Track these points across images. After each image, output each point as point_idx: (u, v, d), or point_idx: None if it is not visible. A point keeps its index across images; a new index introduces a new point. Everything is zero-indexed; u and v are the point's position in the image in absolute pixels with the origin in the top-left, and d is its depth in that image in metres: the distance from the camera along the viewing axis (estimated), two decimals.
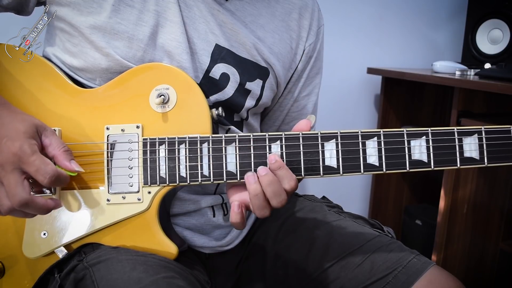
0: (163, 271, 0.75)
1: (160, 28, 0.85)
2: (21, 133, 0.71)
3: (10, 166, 0.70)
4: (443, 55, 2.17)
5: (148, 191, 0.80)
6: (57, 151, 0.75)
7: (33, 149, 0.71)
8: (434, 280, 0.85)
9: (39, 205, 0.72)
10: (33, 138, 0.73)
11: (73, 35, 0.84)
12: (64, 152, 0.75)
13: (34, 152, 0.71)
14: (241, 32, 0.89)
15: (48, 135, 0.75)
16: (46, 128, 0.76)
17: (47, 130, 0.76)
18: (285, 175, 0.75)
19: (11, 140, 0.71)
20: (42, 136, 0.75)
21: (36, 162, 0.70)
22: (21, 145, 0.70)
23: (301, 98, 1.05)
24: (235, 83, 0.90)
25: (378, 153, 0.77)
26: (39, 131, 0.74)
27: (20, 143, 0.70)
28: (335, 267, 0.91)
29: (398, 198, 2.12)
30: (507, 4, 1.80)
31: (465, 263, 1.75)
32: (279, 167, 0.75)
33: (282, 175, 0.75)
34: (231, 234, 0.97)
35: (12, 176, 0.70)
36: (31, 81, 0.84)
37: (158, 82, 0.81)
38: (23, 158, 0.70)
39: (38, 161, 0.70)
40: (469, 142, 0.77)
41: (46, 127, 0.76)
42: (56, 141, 0.76)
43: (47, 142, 0.75)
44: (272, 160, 0.75)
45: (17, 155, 0.70)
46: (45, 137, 0.75)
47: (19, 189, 0.70)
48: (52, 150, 0.75)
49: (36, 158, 0.70)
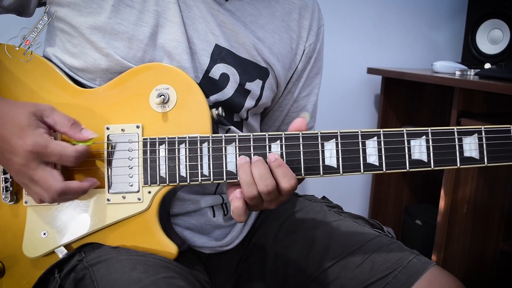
0: (163, 271, 0.75)
1: (160, 28, 0.85)
2: (26, 128, 0.72)
3: (33, 163, 0.72)
4: (443, 55, 2.17)
5: (148, 191, 0.80)
6: (65, 128, 0.76)
7: (45, 139, 0.72)
8: (434, 280, 0.85)
9: (75, 189, 0.75)
10: (38, 126, 0.73)
11: (73, 35, 0.84)
12: (71, 126, 0.76)
13: (48, 142, 0.72)
14: (241, 32, 0.89)
15: (48, 114, 0.75)
16: (44, 109, 0.75)
17: (45, 110, 0.75)
18: (285, 174, 0.75)
19: (21, 138, 0.71)
20: (44, 118, 0.75)
21: (56, 151, 0.72)
22: (33, 140, 0.71)
23: (301, 98, 1.05)
24: (234, 83, 0.90)
25: (378, 153, 0.77)
26: (38, 115, 0.74)
27: (31, 139, 0.71)
28: (335, 267, 0.91)
29: (398, 198, 2.12)
30: (507, 4, 1.80)
31: (465, 263, 1.75)
32: (278, 165, 0.75)
33: (281, 173, 0.75)
34: (231, 234, 0.97)
35: (40, 171, 0.72)
36: (31, 81, 0.84)
37: (158, 82, 0.81)
38: (41, 152, 0.71)
39: (57, 150, 0.72)
40: (469, 141, 0.77)
41: (43, 107, 0.76)
42: (60, 117, 0.76)
43: (51, 121, 0.76)
44: (272, 158, 0.75)
45: (34, 151, 0.71)
46: (47, 118, 0.75)
47: (52, 181, 0.72)
48: (60, 128, 0.76)
49: (53, 147, 0.72)
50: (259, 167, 0.75)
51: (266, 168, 0.75)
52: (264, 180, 0.74)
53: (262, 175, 0.74)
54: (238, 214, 0.76)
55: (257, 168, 0.75)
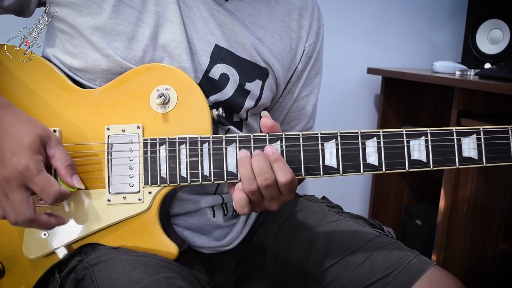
0: (163, 271, 0.75)
1: (160, 28, 0.85)
2: (26, 148, 0.71)
3: (15, 182, 0.71)
4: (443, 55, 2.17)
5: (148, 191, 0.80)
6: (59, 164, 0.75)
7: (38, 168, 0.71)
8: (434, 280, 0.85)
9: (42, 222, 0.74)
10: (39, 152, 0.73)
11: (73, 36, 0.84)
12: (67, 167, 0.76)
13: (39, 172, 0.71)
14: (240, 33, 0.89)
15: (52, 146, 0.75)
16: (51, 138, 0.75)
17: (51, 141, 0.75)
18: (281, 167, 0.75)
19: (17, 156, 0.71)
20: (47, 147, 0.75)
21: (41, 183, 0.71)
22: (27, 163, 0.70)
23: (300, 99, 1.05)
24: (234, 84, 0.90)
25: (377, 153, 0.77)
26: (43, 142, 0.74)
27: (25, 160, 0.70)
28: (335, 267, 0.91)
29: (398, 198, 2.12)
30: (507, 4, 1.80)
31: (465, 263, 1.75)
32: (275, 160, 0.75)
33: (278, 167, 0.75)
34: (231, 234, 0.97)
35: (17, 193, 0.71)
36: (32, 81, 0.84)
37: (158, 83, 0.81)
38: (29, 177, 0.71)
39: (43, 182, 0.71)
40: (467, 142, 0.77)
41: (51, 136, 0.75)
42: (60, 153, 0.76)
43: (51, 153, 0.75)
44: (270, 151, 0.75)
45: (22, 173, 0.70)
46: (49, 148, 0.75)
47: (24, 208, 0.71)
48: (55, 162, 0.75)
49: (41, 178, 0.71)
50: (259, 161, 0.75)
51: (266, 162, 0.75)
52: (263, 174, 0.74)
53: (262, 169, 0.74)
54: (241, 205, 0.76)
55: (257, 162, 0.75)
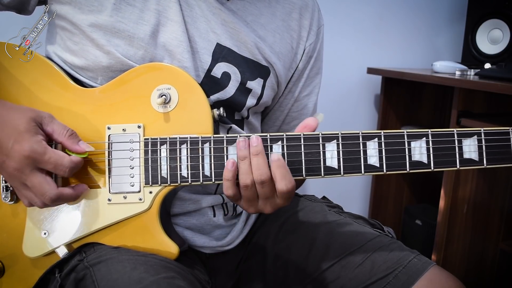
0: (164, 271, 0.75)
1: (161, 27, 0.85)
2: (24, 133, 0.71)
3: (27, 168, 0.71)
4: (443, 55, 2.17)
5: (149, 191, 0.80)
6: (62, 138, 0.76)
7: (43, 146, 0.72)
8: (434, 280, 0.85)
9: (68, 195, 0.76)
10: (37, 133, 0.73)
11: (74, 33, 0.84)
12: (70, 137, 0.76)
13: (45, 149, 0.72)
14: (242, 31, 0.89)
15: (47, 122, 0.76)
16: (43, 116, 0.76)
17: (45, 118, 0.76)
18: (284, 175, 0.75)
19: (18, 143, 0.71)
20: (43, 125, 0.75)
21: (52, 159, 0.72)
22: (30, 146, 0.71)
23: (301, 98, 1.05)
24: (236, 82, 0.90)
25: (378, 154, 0.77)
26: (37, 122, 0.74)
27: (28, 145, 0.71)
28: (336, 267, 0.91)
29: (398, 198, 2.12)
30: (507, 4, 1.80)
31: (465, 263, 1.76)
32: (279, 166, 0.75)
33: (281, 174, 0.75)
34: (231, 234, 0.97)
35: (34, 177, 0.72)
36: (32, 80, 0.84)
37: (159, 82, 0.81)
38: (38, 159, 0.71)
39: (53, 158, 0.72)
40: (468, 143, 0.77)
41: (42, 114, 0.76)
42: (58, 127, 0.76)
43: (50, 130, 0.76)
44: (275, 158, 0.75)
45: (30, 157, 0.71)
46: (46, 125, 0.75)
47: (46, 187, 0.72)
48: (57, 137, 0.76)
49: (50, 155, 0.72)
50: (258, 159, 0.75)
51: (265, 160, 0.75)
52: (259, 169, 0.75)
53: (259, 165, 0.75)
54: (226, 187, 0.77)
55: (256, 160, 0.75)
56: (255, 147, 0.75)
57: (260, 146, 0.76)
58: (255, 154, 0.75)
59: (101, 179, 0.81)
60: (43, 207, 0.76)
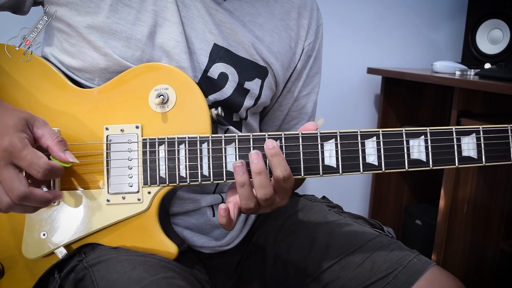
0: (163, 271, 0.75)
1: (158, 27, 0.85)
2: (10, 128, 0.70)
3: (2, 162, 0.69)
4: (443, 55, 2.17)
5: (148, 191, 0.80)
6: (50, 142, 0.73)
7: (23, 143, 0.69)
8: (434, 280, 0.85)
9: (38, 196, 0.71)
10: (23, 131, 0.71)
11: (71, 35, 0.84)
12: (58, 143, 0.74)
13: (25, 146, 0.69)
14: (239, 32, 0.89)
15: (39, 126, 0.74)
16: (37, 119, 0.74)
17: (38, 121, 0.74)
18: (280, 163, 0.75)
19: (0, 135, 0.69)
20: (34, 127, 0.73)
21: (28, 157, 0.69)
22: (10, 139, 0.69)
23: (301, 98, 1.05)
24: (233, 83, 0.90)
25: (377, 153, 0.77)
26: (29, 123, 0.73)
27: (9, 138, 0.69)
28: (335, 267, 0.91)
29: (398, 198, 2.12)
30: (507, 4, 1.80)
31: (465, 263, 1.75)
32: (274, 154, 0.75)
33: (277, 163, 0.75)
34: (231, 234, 0.97)
35: (6, 171, 0.69)
36: (30, 81, 0.84)
37: (157, 82, 0.81)
38: (14, 153, 0.69)
39: (30, 155, 0.69)
40: (467, 141, 0.77)
41: (37, 118, 0.74)
42: (49, 131, 0.74)
43: (40, 133, 0.73)
44: (270, 145, 0.75)
45: (7, 150, 0.68)
46: (37, 128, 0.74)
47: (16, 183, 0.69)
48: (45, 141, 0.74)
49: (27, 152, 0.69)
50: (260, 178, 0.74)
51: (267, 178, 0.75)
52: (263, 189, 0.74)
53: (263, 184, 0.74)
54: (224, 227, 0.77)
55: (259, 179, 0.75)
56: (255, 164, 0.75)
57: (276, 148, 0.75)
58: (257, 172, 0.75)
59: (99, 180, 0.81)
60: (8, 207, 0.70)
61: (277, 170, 0.74)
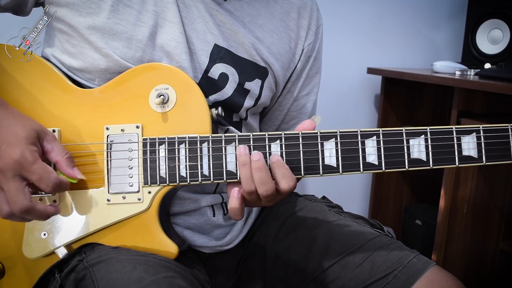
0: (164, 271, 0.75)
1: (159, 28, 0.85)
2: (22, 139, 0.71)
3: (10, 172, 0.70)
4: (443, 55, 2.17)
5: (148, 191, 0.80)
6: (59, 158, 0.75)
7: (34, 157, 0.70)
8: (434, 280, 0.85)
9: (39, 212, 0.72)
10: (34, 144, 0.72)
11: (72, 35, 0.85)
12: (66, 159, 0.75)
13: (35, 160, 0.70)
14: (239, 32, 0.89)
15: (49, 140, 0.75)
16: (48, 133, 0.75)
17: (48, 135, 0.75)
18: (285, 175, 0.75)
19: (12, 146, 0.70)
20: (44, 141, 0.75)
21: (39, 171, 0.70)
22: (22, 152, 0.70)
23: (300, 98, 1.05)
24: (234, 83, 0.90)
25: (377, 152, 0.77)
26: (40, 136, 0.74)
27: (21, 150, 0.70)
28: (335, 267, 0.91)
29: (398, 198, 2.12)
30: (507, 4, 1.80)
31: (465, 263, 1.75)
32: (279, 166, 0.75)
33: (281, 174, 0.75)
34: (231, 233, 0.97)
35: (13, 183, 0.70)
36: (31, 81, 0.84)
37: (157, 82, 0.81)
38: (25, 166, 0.70)
39: (40, 169, 0.70)
40: (467, 140, 0.77)
41: (47, 132, 0.75)
42: (58, 147, 0.75)
43: (49, 148, 0.75)
44: (274, 159, 0.76)
45: (18, 162, 0.69)
46: (47, 142, 0.75)
47: (20, 196, 0.70)
48: (54, 156, 0.75)
49: (38, 166, 0.70)
50: (260, 172, 0.75)
51: (267, 172, 0.75)
52: (264, 185, 0.75)
53: (263, 180, 0.75)
54: (234, 214, 0.78)
55: (259, 173, 0.75)
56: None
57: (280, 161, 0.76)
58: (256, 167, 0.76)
59: (100, 180, 0.81)
60: (6, 216, 0.71)
61: (282, 182, 0.76)
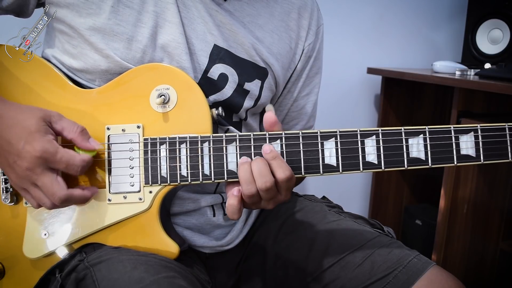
0: (164, 270, 0.75)
1: (159, 29, 0.85)
2: (35, 133, 0.71)
3: (39, 168, 0.71)
4: (443, 55, 2.17)
5: (149, 191, 0.80)
6: (72, 134, 0.76)
7: (54, 146, 0.72)
8: (434, 280, 0.85)
9: (78, 197, 0.76)
10: (47, 133, 0.73)
11: (72, 36, 0.85)
12: (80, 134, 0.76)
13: (57, 149, 0.72)
14: (239, 33, 0.89)
15: (57, 121, 0.75)
16: (52, 115, 0.75)
17: (54, 117, 0.75)
18: (280, 165, 0.75)
19: (29, 143, 0.71)
20: (52, 124, 0.75)
21: (64, 159, 0.72)
22: (42, 146, 0.71)
23: (300, 98, 1.05)
24: (233, 84, 0.90)
25: (376, 151, 0.78)
26: (47, 121, 0.74)
27: (40, 145, 0.71)
28: (335, 267, 0.91)
29: (398, 198, 2.12)
30: (507, 4, 1.80)
31: (465, 263, 1.75)
32: (273, 157, 0.76)
33: (277, 165, 0.75)
34: (231, 233, 0.97)
35: (45, 177, 0.72)
36: (31, 81, 0.84)
37: (158, 82, 0.81)
38: (50, 159, 0.71)
39: (65, 157, 0.72)
40: (465, 140, 0.78)
41: (51, 113, 0.75)
42: (68, 124, 0.76)
43: (59, 128, 0.75)
44: (267, 150, 0.76)
45: (42, 157, 0.71)
46: (55, 123, 0.75)
47: (55, 187, 0.72)
48: (67, 134, 0.76)
49: (61, 155, 0.72)
50: (258, 164, 0.75)
51: (266, 165, 0.75)
52: (263, 177, 0.75)
53: (262, 172, 0.75)
54: (232, 212, 0.77)
55: (257, 165, 0.75)
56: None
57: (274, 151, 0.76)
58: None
59: (101, 179, 0.81)
60: (52, 208, 0.75)
61: (278, 172, 0.75)
